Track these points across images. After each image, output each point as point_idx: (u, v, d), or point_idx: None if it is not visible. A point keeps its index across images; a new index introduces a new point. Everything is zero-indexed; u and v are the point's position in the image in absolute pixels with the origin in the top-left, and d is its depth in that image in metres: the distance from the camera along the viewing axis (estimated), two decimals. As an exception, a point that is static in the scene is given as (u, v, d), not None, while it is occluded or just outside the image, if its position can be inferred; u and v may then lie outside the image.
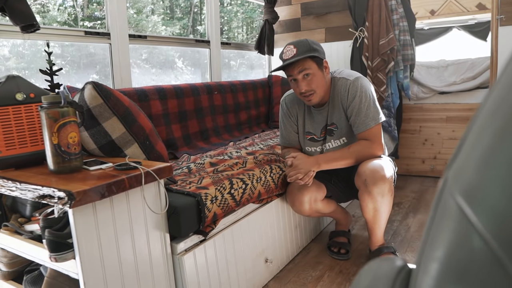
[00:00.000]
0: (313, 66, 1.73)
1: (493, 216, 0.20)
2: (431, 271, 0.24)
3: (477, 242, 0.21)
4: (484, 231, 0.20)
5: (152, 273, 1.27)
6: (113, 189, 1.09)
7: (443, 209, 0.24)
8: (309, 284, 1.78)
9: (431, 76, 3.35)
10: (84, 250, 1.06)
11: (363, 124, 1.76)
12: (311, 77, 1.73)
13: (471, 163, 0.23)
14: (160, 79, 3.82)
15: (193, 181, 1.62)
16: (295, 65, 1.72)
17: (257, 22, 8.26)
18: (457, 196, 0.23)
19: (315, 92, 1.76)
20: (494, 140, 0.21)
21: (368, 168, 1.72)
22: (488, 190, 0.21)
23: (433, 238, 0.25)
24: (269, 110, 3.27)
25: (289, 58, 1.70)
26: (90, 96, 1.36)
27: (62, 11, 6.49)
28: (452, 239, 0.23)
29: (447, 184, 0.25)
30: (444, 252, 0.23)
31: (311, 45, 1.73)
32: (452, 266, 0.22)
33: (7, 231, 1.30)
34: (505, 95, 0.22)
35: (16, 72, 2.34)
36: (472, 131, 0.24)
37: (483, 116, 0.23)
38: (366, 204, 1.76)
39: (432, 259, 0.24)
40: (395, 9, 2.88)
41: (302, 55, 1.69)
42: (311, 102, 1.80)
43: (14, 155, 1.29)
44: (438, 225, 0.24)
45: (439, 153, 3.29)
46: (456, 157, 0.25)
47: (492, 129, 0.22)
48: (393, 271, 0.32)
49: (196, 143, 2.51)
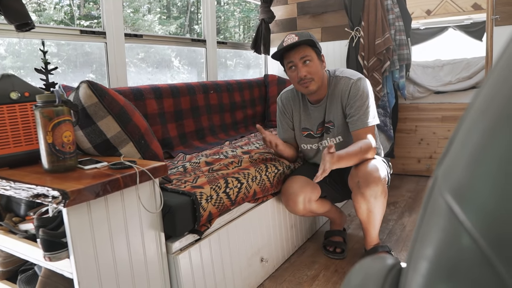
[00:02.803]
0: (313, 54, 1.78)
1: (482, 215, 0.20)
2: (420, 269, 0.24)
3: (466, 241, 0.21)
4: (473, 230, 0.20)
5: (147, 272, 1.27)
6: (108, 188, 1.08)
7: (433, 208, 0.24)
8: (305, 283, 1.78)
9: (427, 75, 3.36)
10: (79, 249, 1.05)
11: (361, 121, 1.78)
12: (310, 64, 1.78)
13: (461, 161, 0.23)
14: (156, 78, 3.80)
15: (188, 180, 1.62)
16: (296, 51, 1.77)
17: (254, 21, 8.26)
18: (446, 194, 0.23)
19: (313, 79, 1.79)
20: (484, 139, 0.21)
21: (361, 170, 1.73)
22: (477, 188, 0.21)
23: (422, 236, 0.25)
24: (265, 110, 3.27)
25: (291, 44, 1.74)
26: (85, 95, 1.36)
27: (59, 9, 6.47)
28: (442, 238, 0.23)
29: (436, 182, 0.25)
30: (434, 250, 0.23)
31: (312, 36, 1.79)
32: (441, 265, 0.22)
33: (2, 231, 1.29)
34: (494, 93, 0.22)
35: (12, 71, 2.33)
36: (461, 130, 0.24)
37: (472, 114, 0.23)
38: (360, 206, 1.76)
39: (422, 258, 0.24)
40: (391, 9, 2.88)
41: (303, 39, 1.74)
42: (308, 89, 1.81)
43: (9, 154, 1.28)
44: (428, 223, 0.24)
45: (435, 152, 3.31)
46: (446, 156, 0.25)
47: (481, 128, 0.22)
48: (384, 269, 0.32)
49: (192, 142, 2.50)
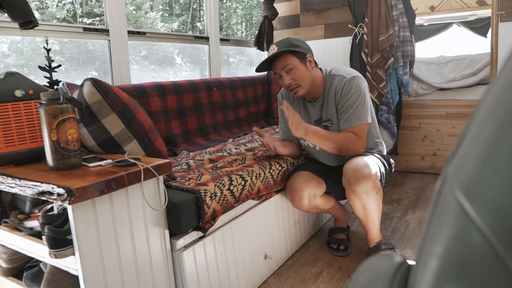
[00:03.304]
0: (294, 60, 1.80)
1: (493, 212, 0.20)
2: (430, 266, 0.24)
3: (477, 238, 0.21)
4: (483, 227, 0.20)
5: (152, 269, 1.27)
6: (113, 185, 1.09)
7: (443, 205, 0.24)
8: (308, 280, 1.78)
9: (430, 72, 3.34)
10: (84, 246, 1.06)
11: (348, 121, 1.80)
12: (294, 71, 1.80)
13: (471, 158, 0.23)
14: (159, 75, 3.81)
15: (192, 177, 1.62)
16: (277, 62, 1.81)
17: (256, 18, 8.24)
18: (456, 191, 0.23)
19: (299, 85, 1.82)
20: (495, 136, 0.21)
21: (351, 167, 1.75)
22: (487, 185, 0.21)
23: (432, 233, 0.25)
24: (268, 107, 3.26)
25: (270, 56, 1.80)
26: (89, 93, 1.36)
27: (61, 7, 6.48)
28: (452, 235, 0.23)
29: (446, 179, 0.24)
30: (444, 247, 0.23)
31: (292, 42, 1.81)
32: (451, 262, 0.22)
33: (7, 228, 1.30)
34: (505, 90, 0.22)
35: (15, 69, 2.33)
36: (472, 127, 0.24)
37: (483, 111, 0.23)
38: (354, 203, 1.77)
39: (432, 255, 0.24)
40: (394, 5, 2.87)
41: (281, 50, 1.77)
42: (297, 95, 1.85)
43: (14, 151, 1.29)
44: (438, 220, 0.24)
45: (439, 149, 3.29)
46: (456, 153, 0.25)
47: (492, 125, 0.22)
48: (392, 267, 0.32)
49: (195, 139, 2.51)
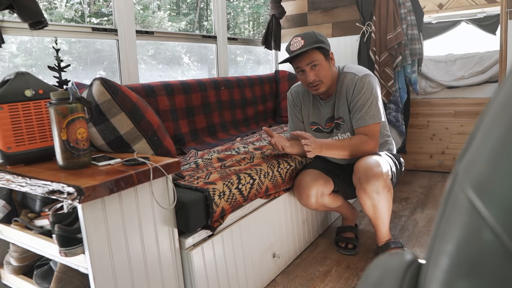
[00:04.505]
0: (320, 57, 1.77)
1: (504, 209, 0.20)
2: (441, 265, 0.24)
3: (488, 236, 0.21)
4: (495, 225, 0.20)
5: (161, 268, 1.28)
6: (122, 184, 1.10)
7: (454, 203, 0.24)
8: (317, 279, 1.78)
9: (439, 70, 3.32)
10: (93, 245, 1.07)
11: (362, 120, 1.78)
12: (318, 68, 1.77)
13: (482, 156, 0.22)
14: (167, 75, 3.82)
15: (201, 176, 1.63)
16: (302, 57, 1.76)
17: (263, 17, 8.23)
18: (467, 189, 0.23)
19: (322, 82, 1.80)
20: (506, 133, 0.21)
21: (362, 166, 1.74)
22: (499, 183, 0.21)
23: (443, 232, 0.25)
24: (276, 105, 3.26)
25: (297, 49, 1.74)
26: (98, 92, 1.37)
27: (69, 7, 6.52)
28: (463, 233, 0.23)
29: (457, 177, 0.24)
30: (455, 246, 0.23)
31: (318, 37, 1.76)
32: (462, 260, 0.22)
33: (18, 226, 1.32)
34: (517, 88, 0.22)
35: (24, 68, 2.35)
36: (483, 124, 0.24)
37: (494, 109, 0.23)
38: (365, 202, 1.76)
39: (442, 253, 0.24)
40: (402, 3, 2.85)
41: (309, 46, 1.72)
42: (319, 92, 1.83)
43: (24, 151, 1.30)
44: (449, 219, 0.24)
45: (447, 148, 3.27)
46: (467, 151, 0.25)
47: (503, 122, 0.22)
48: (402, 265, 0.32)
49: (204, 138, 2.51)
